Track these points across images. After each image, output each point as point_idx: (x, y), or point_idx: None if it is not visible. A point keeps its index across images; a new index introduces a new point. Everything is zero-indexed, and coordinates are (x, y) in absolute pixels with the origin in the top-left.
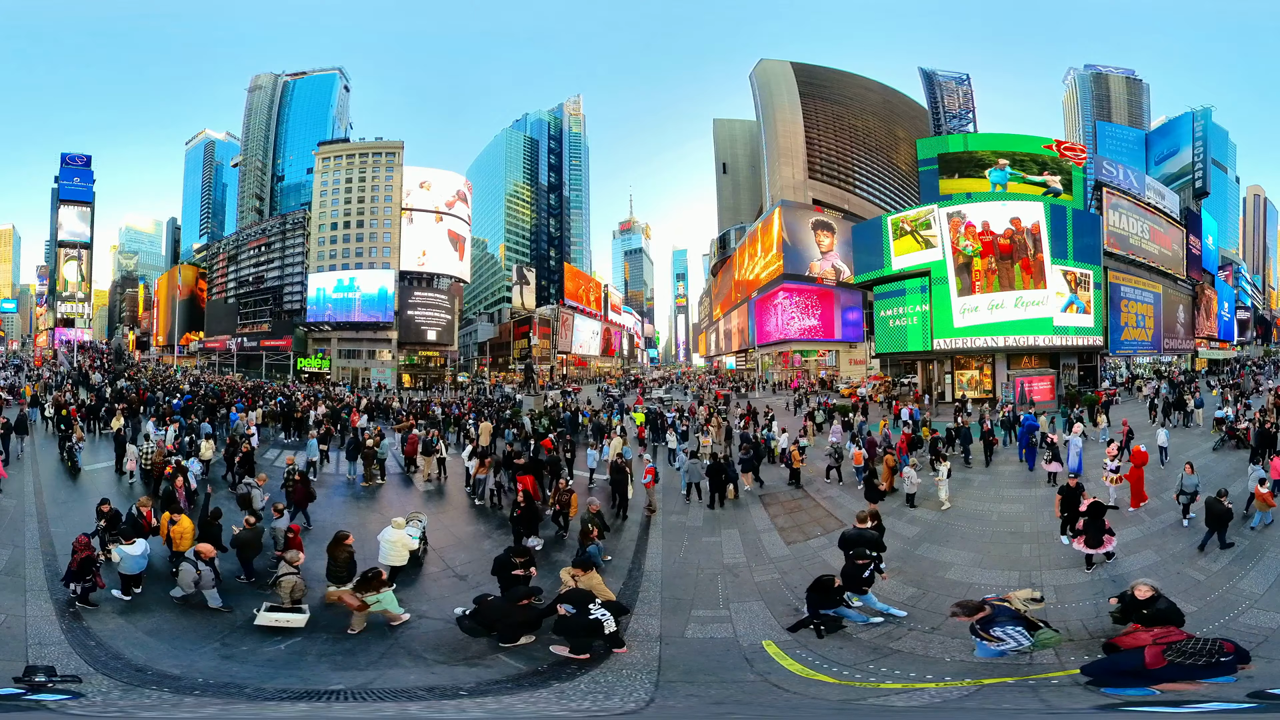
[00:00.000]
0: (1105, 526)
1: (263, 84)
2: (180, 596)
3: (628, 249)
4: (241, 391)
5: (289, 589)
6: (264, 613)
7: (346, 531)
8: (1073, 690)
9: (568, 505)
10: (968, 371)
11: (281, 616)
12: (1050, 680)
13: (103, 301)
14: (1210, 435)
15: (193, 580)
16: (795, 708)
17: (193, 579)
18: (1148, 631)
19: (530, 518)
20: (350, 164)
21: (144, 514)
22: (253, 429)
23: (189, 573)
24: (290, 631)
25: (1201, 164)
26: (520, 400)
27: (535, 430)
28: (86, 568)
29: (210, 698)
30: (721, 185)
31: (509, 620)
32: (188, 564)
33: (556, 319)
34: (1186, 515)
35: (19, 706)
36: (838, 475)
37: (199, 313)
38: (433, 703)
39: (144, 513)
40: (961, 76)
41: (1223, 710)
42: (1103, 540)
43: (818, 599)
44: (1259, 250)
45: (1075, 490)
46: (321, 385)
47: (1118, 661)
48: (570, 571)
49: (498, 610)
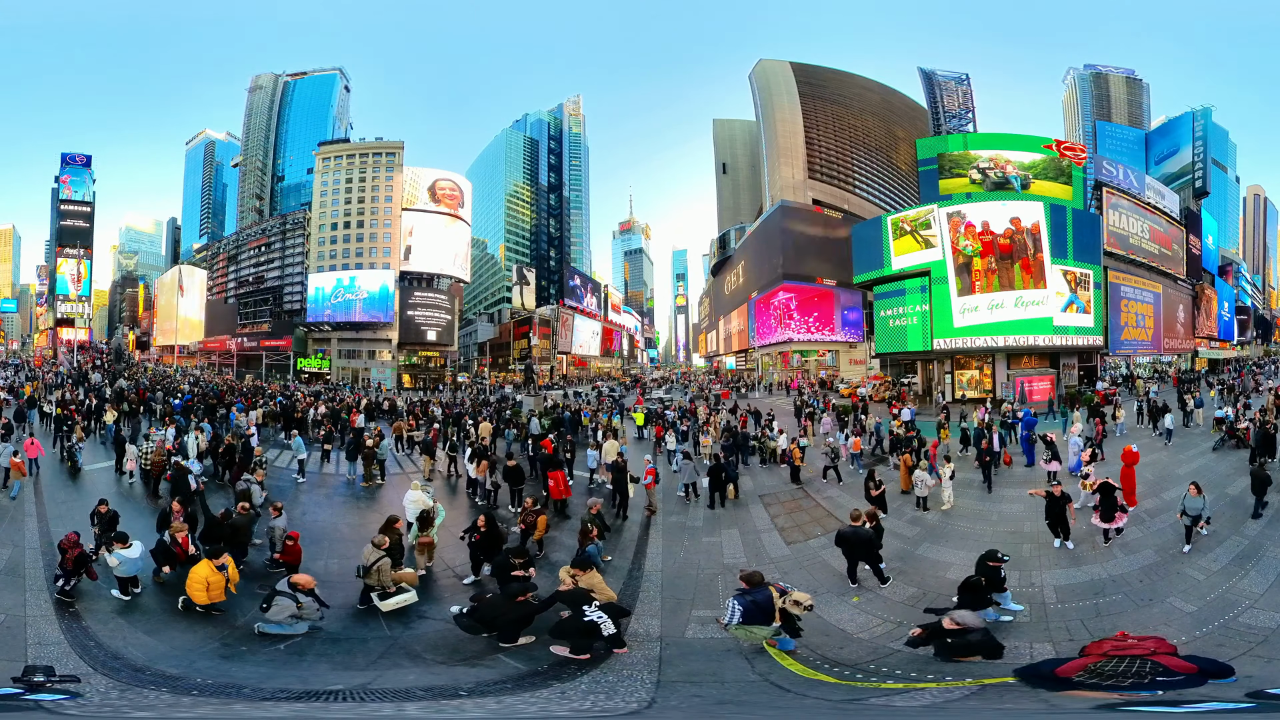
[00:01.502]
0: (1117, 503)
1: (263, 84)
2: (269, 633)
3: (628, 249)
4: (242, 391)
5: (384, 573)
6: (380, 601)
7: (397, 515)
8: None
9: (534, 527)
10: (968, 371)
11: (398, 599)
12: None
13: (103, 301)
14: (1210, 435)
15: (291, 614)
16: (798, 708)
17: (291, 613)
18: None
19: (493, 543)
20: (350, 164)
21: (180, 541)
22: (253, 429)
23: (287, 606)
24: (289, 630)
25: (1201, 164)
26: (520, 400)
27: (542, 428)
28: (81, 563)
29: (208, 698)
30: (721, 185)
31: (507, 617)
32: (284, 597)
33: (556, 319)
34: (1189, 540)
35: (18, 706)
36: (835, 475)
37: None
38: (431, 703)
39: (180, 539)
40: (961, 76)
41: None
42: (1114, 516)
43: (971, 600)
44: (1259, 250)
45: (1060, 500)
46: (322, 385)
47: (1039, 668)
48: (570, 571)
49: (496, 607)
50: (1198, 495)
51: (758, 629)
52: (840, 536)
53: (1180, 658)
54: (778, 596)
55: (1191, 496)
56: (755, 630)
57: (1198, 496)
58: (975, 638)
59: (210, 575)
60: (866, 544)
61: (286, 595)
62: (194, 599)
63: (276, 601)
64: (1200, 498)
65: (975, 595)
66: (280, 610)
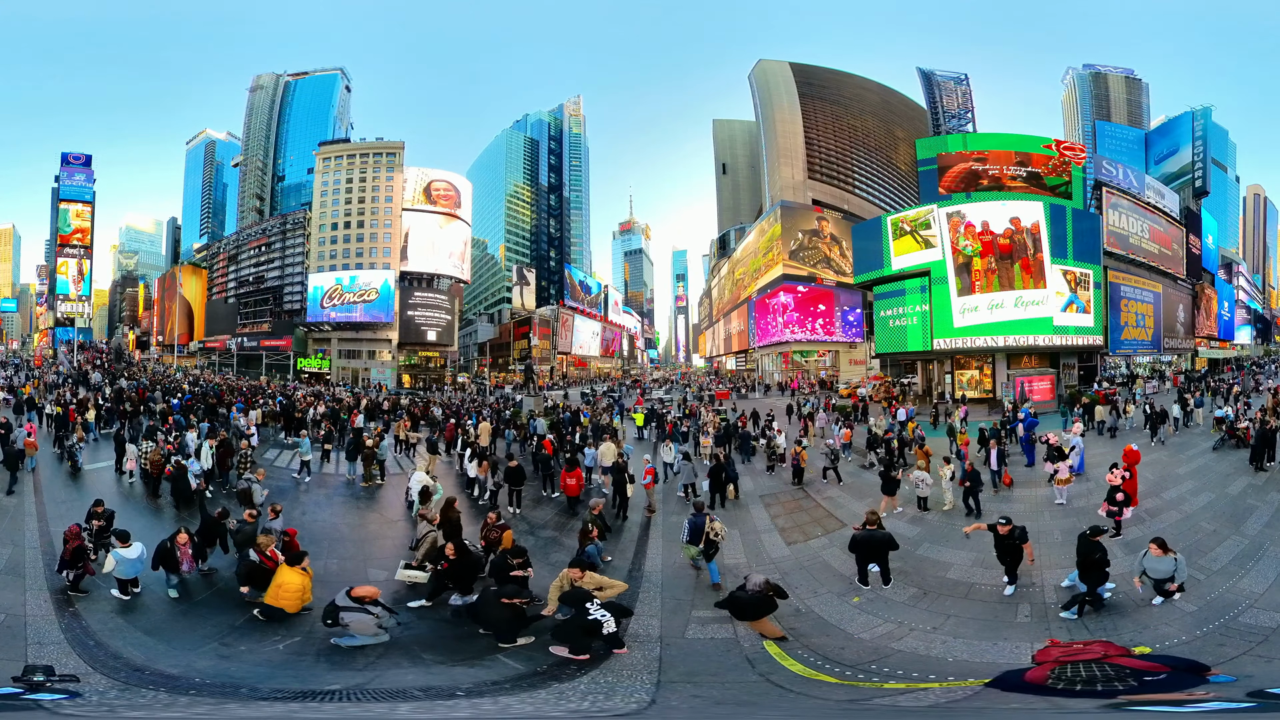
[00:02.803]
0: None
1: (264, 84)
2: (353, 645)
3: (628, 249)
4: (241, 391)
5: (431, 544)
6: (401, 570)
7: (454, 496)
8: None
9: (497, 543)
10: (968, 371)
11: (412, 573)
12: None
13: (103, 301)
14: (1210, 435)
15: (375, 627)
16: (799, 708)
17: (373, 627)
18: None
19: (464, 572)
20: (351, 164)
21: (270, 554)
22: (252, 429)
23: (366, 622)
24: (290, 630)
25: (1201, 163)
26: (520, 401)
27: (553, 426)
28: (79, 556)
29: (205, 698)
30: (721, 186)
31: (500, 616)
32: (356, 614)
33: (556, 319)
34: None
35: (17, 706)
36: (835, 475)
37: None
38: (423, 703)
39: (270, 553)
40: (960, 76)
41: (1222, 710)
42: (1122, 511)
43: (1095, 579)
44: (1259, 250)
45: (1009, 538)
46: (322, 385)
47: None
48: (570, 575)
49: (490, 605)
50: (1162, 555)
51: (690, 547)
52: (855, 541)
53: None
54: (709, 524)
55: (1154, 556)
56: (689, 548)
57: (1163, 556)
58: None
59: (305, 581)
60: (884, 545)
61: (355, 610)
62: (285, 607)
63: (346, 618)
64: (1168, 558)
65: (1099, 576)
66: (363, 626)
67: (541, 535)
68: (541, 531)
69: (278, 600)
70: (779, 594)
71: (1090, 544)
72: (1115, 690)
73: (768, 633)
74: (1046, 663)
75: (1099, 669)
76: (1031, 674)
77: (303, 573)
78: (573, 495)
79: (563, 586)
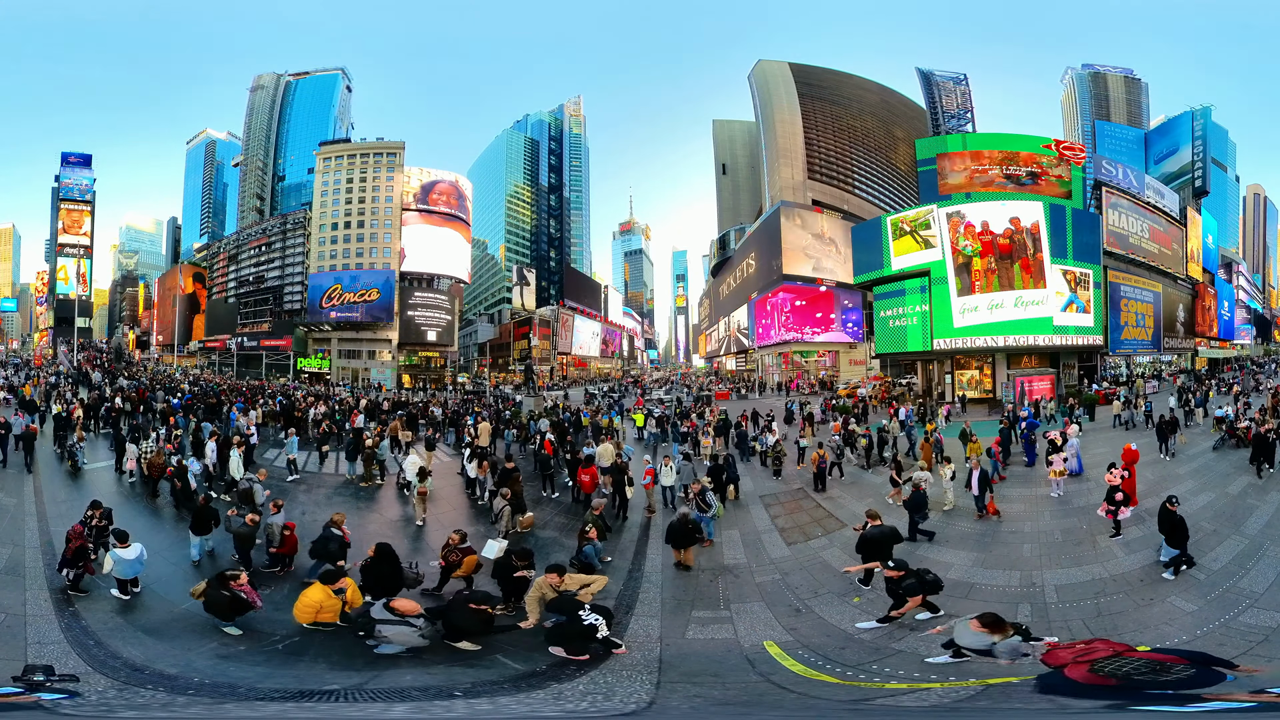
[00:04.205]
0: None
1: (265, 84)
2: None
3: (628, 250)
4: (241, 391)
5: (506, 518)
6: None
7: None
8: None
9: (456, 566)
10: (968, 371)
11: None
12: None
13: (103, 301)
14: (1210, 434)
15: (417, 638)
16: (800, 709)
17: (415, 638)
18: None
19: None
20: (351, 164)
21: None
22: (252, 429)
23: (407, 634)
24: (288, 629)
25: (1201, 163)
26: (520, 401)
27: (557, 425)
28: (81, 555)
29: (202, 698)
30: (721, 186)
31: (464, 621)
32: (394, 625)
33: (556, 320)
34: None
35: (17, 706)
36: (839, 472)
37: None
38: (419, 703)
39: (343, 532)
40: (959, 76)
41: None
42: (1120, 510)
43: (1181, 539)
44: (1259, 249)
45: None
46: (323, 385)
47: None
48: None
49: (456, 608)
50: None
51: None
52: (863, 541)
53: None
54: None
55: (973, 631)
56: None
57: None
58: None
59: (325, 600)
60: (891, 540)
61: (395, 623)
62: (299, 619)
63: (386, 630)
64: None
65: (1179, 534)
66: (403, 637)
67: (542, 535)
68: (542, 531)
69: (298, 613)
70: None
71: (1169, 513)
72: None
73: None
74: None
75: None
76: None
77: (332, 595)
78: (588, 491)
79: (544, 594)
